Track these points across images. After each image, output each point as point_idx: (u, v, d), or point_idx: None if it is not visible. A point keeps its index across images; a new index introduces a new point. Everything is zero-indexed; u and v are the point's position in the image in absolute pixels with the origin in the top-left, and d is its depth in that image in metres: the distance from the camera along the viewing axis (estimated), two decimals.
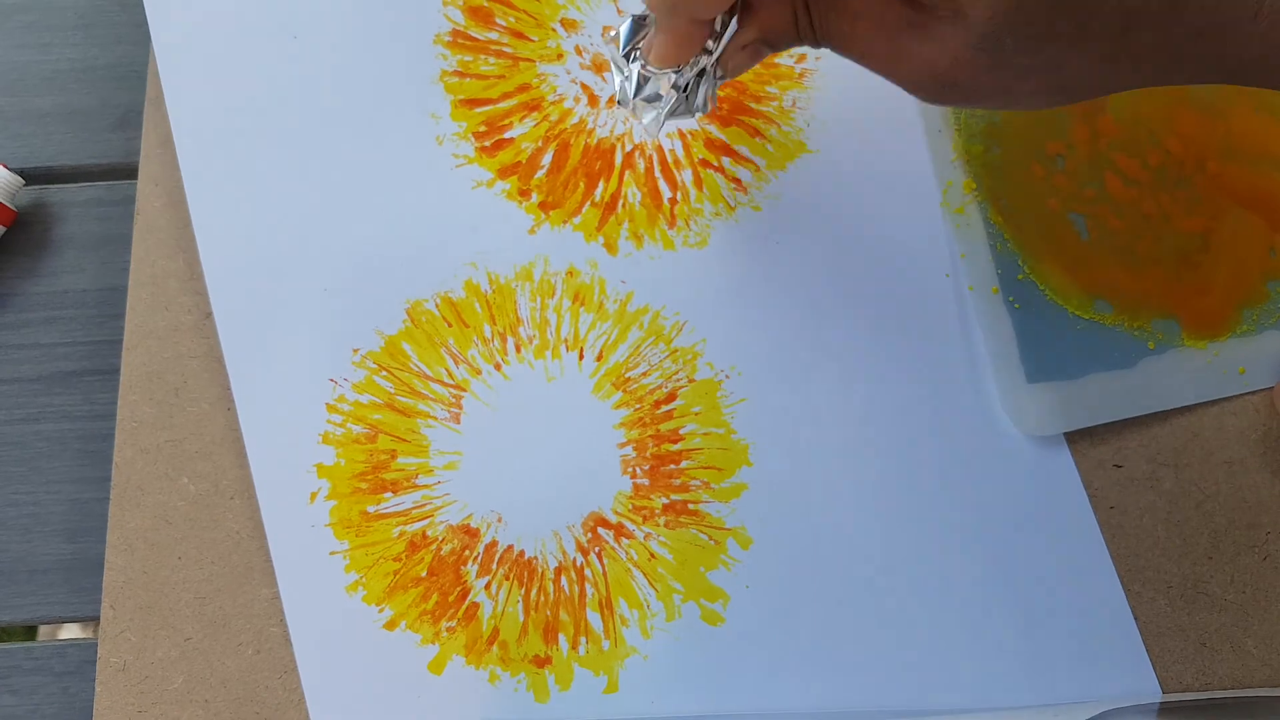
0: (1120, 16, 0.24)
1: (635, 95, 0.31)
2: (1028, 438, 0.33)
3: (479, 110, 0.36)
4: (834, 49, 0.29)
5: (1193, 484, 0.33)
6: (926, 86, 0.27)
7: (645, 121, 0.32)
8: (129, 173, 0.37)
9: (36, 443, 0.34)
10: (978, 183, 0.35)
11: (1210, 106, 0.36)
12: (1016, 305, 0.34)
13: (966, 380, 0.34)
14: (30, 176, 0.37)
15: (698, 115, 0.32)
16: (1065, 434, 0.33)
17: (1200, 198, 0.35)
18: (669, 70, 0.30)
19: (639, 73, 0.31)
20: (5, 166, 0.36)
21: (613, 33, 0.32)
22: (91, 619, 0.33)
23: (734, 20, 0.29)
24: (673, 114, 0.31)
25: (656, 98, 0.31)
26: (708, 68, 0.31)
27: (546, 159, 0.35)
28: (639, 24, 0.31)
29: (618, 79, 0.32)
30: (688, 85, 0.31)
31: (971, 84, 0.26)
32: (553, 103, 0.36)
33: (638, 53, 0.31)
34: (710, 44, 0.30)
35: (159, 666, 0.31)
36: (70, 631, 0.49)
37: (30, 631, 0.49)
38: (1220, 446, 0.34)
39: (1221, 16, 0.24)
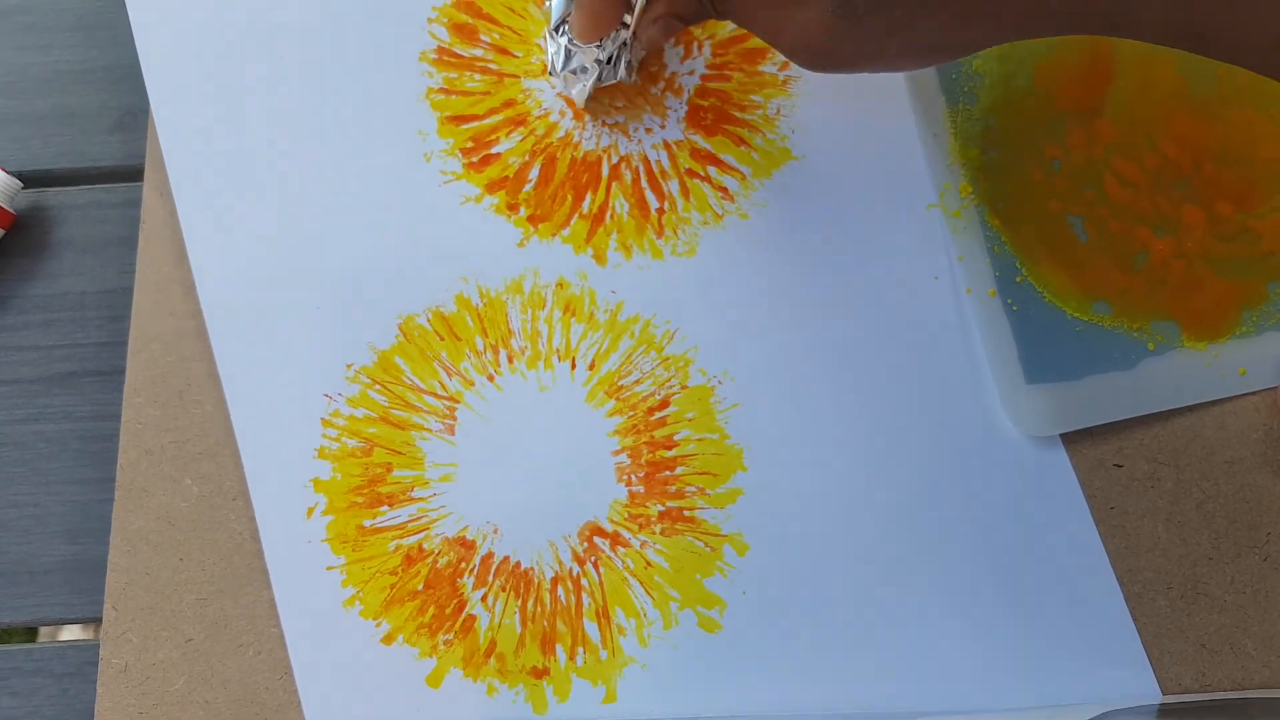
0: None
1: (563, 68, 0.38)
2: (1022, 439, 0.37)
3: (465, 126, 0.41)
4: (734, 21, 0.35)
5: (1193, 484, 0.37)
6: (803, 55, 0.33)
7: (574, 92, 0.39)
8: (128, 175, 0.42)
9: (37, 444, 0.39)
10: (975, 186, 0.40)
11: (1207, 109, 0.40)
12: (1015, 307, 0.38)
13: (958, 382, 0.38)
14: (29, 179, 0.41)
15: (622, 81, 0.39)
16: (1064, 434, 0.37)
17: (1198, 199, 0.39)
18: (592, 45, 0.37)
19: (566, 46, 0.38)
20: (4, 170, 0.40)
21: (546, 5, 0.39)
22: (92, 620, 0.37)
23: None
24: (599, 83, 0.39)
25: (583, 70, 0.38)
26: (627, 40, 0.38)
27: (534, 173, 0.40)
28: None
29: (549, 50, 0.39)
30: (610, 58, 0.38)
31: (839, 51, 0.32)
32: (538, 117, 0.41)
33: (566, 27, 0.38)
34: (628, 19, 0.37)
35: (160, 668, 0.35)
36: (71, 633, 0.53)
37: (31, 633, 0.54)
38: (1221, 446, 0.38)
39: None
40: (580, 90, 0.39)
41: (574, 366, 0.38)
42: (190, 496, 0.37)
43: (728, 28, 0.42)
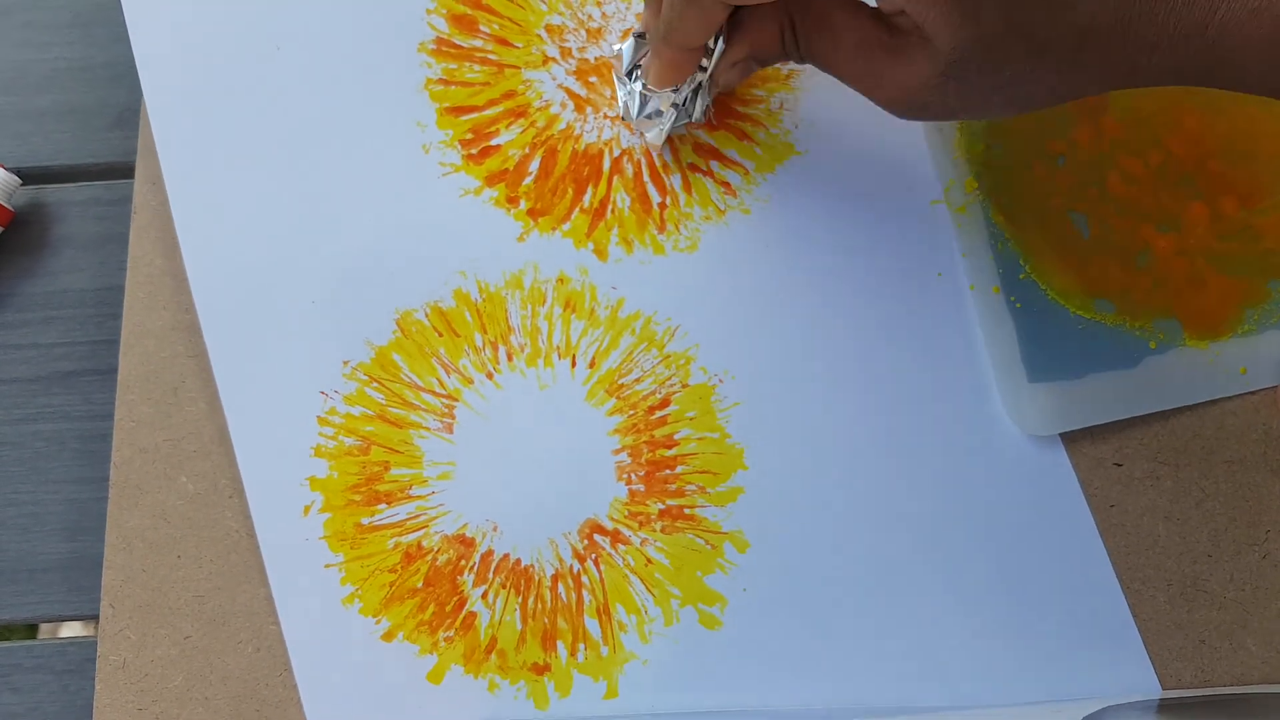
0: (1073, 36, 0.30)
1: (639, 114, 0.38)
2: (1022, 437, 0.38)
3: (465, 118, 0.41)
4: (817, 66, 0.36)
5: (1193, 483, 0.38)
6: (900, 105, 0.33)
7: (649, 136, 0.40)
8: (126, 172, 0.42)
9: (35, 443, 0.39)
10: (979, 182, 0.40)
11: (1212, 105, 0.41)
12: (1018, 305, 0.39)
13: (960, 380, 0.39)
14: (27, 176, 0.42)
15: (697, 121, 0.39)
16: (1064, 433, 0.38)
17: (1202, 196, 0.40)
18: (668, 90, 0.37)
19: (640, 92, 0.38)
20: (2, 166, 0.41)
21: (616, 48, 0.39)
22: (92, 617, 0.37)
23: (721, 41, 0.36)
24: (674, 127, 0.39)
25: (658, 114, 0.38)
26: (703, 82, 0.38)
27: (534, 165, 0.41)
28: (640, 42, 0.38)
29: (621, 95, 0.39)
30: (685, 100, 0.38)
31: (940, 103, 0.32)
32: (539, 109, 0.41)
33: (639, 71, 0.38)
34: (704, 61, 0.37)
35: (159, 664, 0.36)
36: (71, 630, 0.54)
37: (31, 630, 0.55)
38: (1220, 445, 0.38)
39: (1171, 30, 0.29)
40: (657, 134, 0.39)
41: (574, 364, 0.39)
42: (185, 494, 0.37)
43: None
